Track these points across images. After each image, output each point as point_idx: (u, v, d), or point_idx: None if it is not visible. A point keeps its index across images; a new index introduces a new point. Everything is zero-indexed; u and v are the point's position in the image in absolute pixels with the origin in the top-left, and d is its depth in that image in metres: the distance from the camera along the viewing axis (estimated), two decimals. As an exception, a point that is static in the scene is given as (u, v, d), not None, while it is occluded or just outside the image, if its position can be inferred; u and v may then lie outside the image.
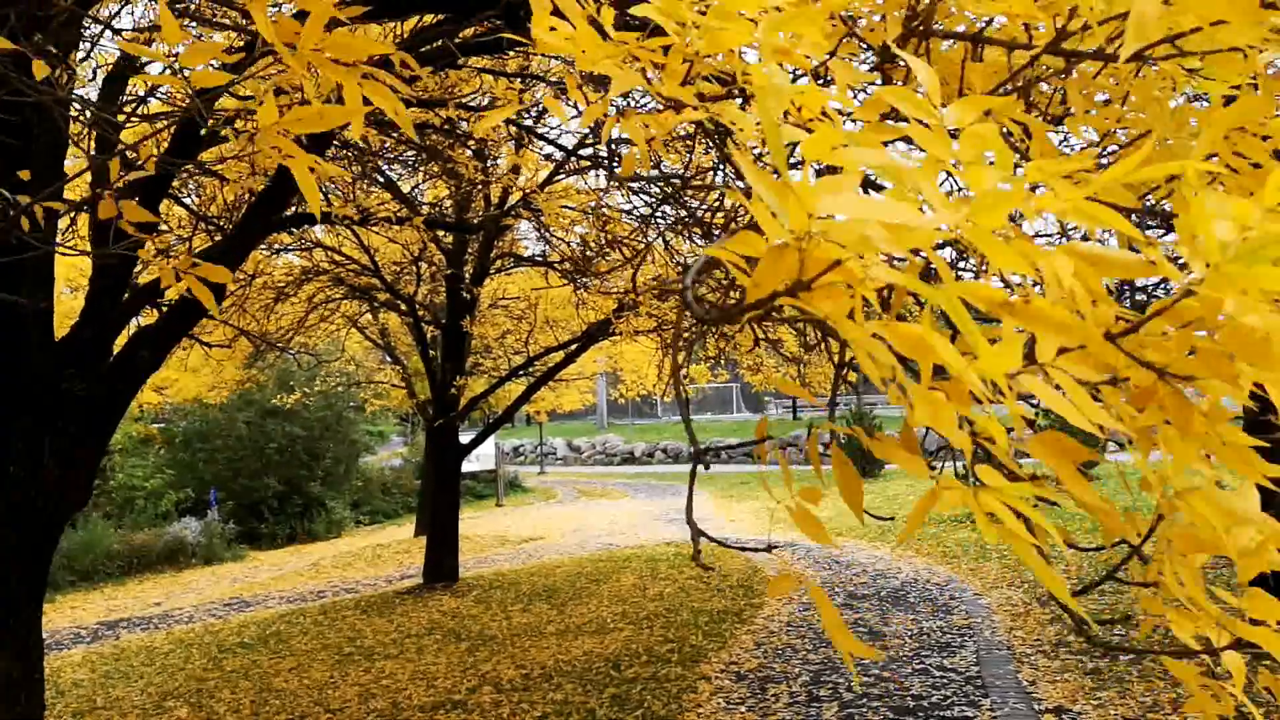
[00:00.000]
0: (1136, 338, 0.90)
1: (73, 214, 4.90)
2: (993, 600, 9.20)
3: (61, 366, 4.40)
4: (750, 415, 34.29)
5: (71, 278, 11.62)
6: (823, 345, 9.95)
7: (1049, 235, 4.20)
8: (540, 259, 11.08)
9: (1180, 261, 0.89)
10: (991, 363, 0.81)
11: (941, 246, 0.90)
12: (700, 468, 1.35)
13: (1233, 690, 1.04)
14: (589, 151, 7.57)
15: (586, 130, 7.65)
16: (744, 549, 1.32)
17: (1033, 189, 0.92)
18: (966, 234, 0.82)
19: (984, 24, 1.80)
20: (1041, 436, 0.94)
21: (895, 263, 0.88)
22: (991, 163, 0.90)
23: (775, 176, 0.83)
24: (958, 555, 11.63)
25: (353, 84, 1.46)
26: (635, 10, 1.16)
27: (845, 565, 11.74)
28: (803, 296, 0.84)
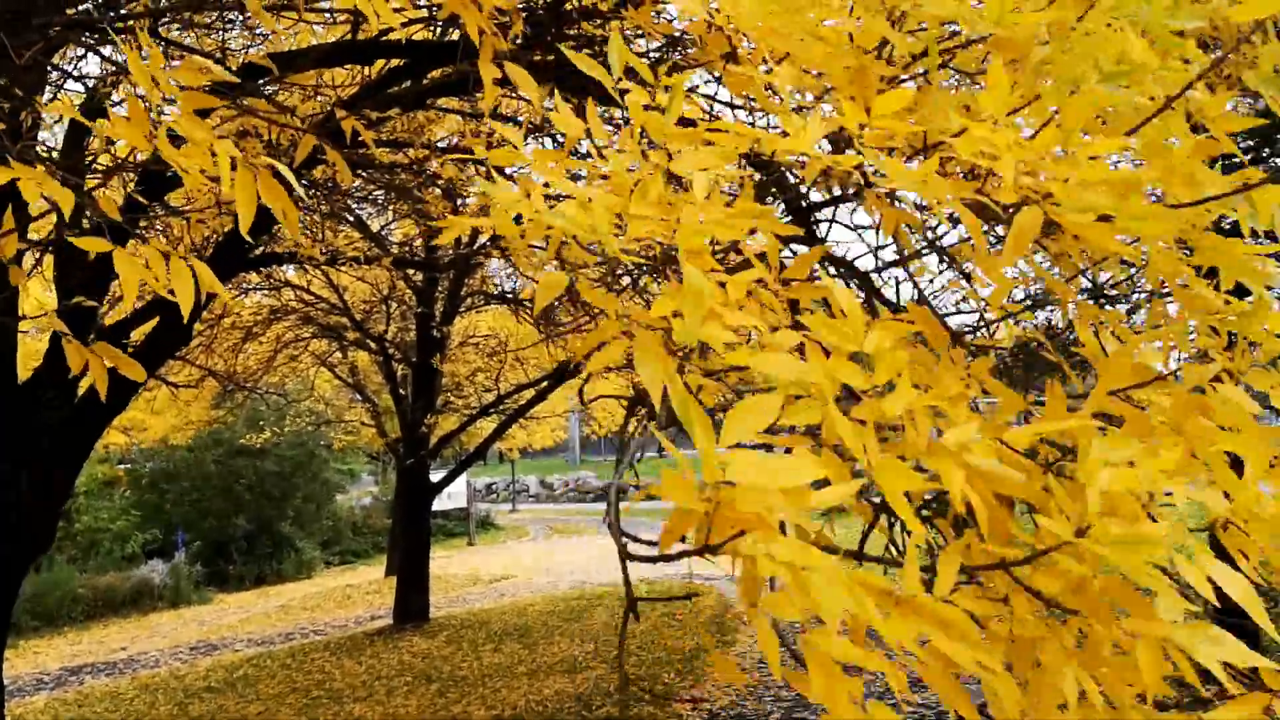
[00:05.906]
0: (1026, 569, 1.05)
1: (38, 254, 4.89)
2: (963, 633, 9.23)
3: (26, 405, 4.37)
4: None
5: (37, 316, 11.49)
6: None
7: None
8: (511, 295, 11.10)
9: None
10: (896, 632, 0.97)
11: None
12: (627, 499, 1.41)
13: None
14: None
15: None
16: (670, 599, 1.38)
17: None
18: (872, 474, 0.97)
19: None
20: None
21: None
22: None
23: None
24: (929, 589, 11.66)
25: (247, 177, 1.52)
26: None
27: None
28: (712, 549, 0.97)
